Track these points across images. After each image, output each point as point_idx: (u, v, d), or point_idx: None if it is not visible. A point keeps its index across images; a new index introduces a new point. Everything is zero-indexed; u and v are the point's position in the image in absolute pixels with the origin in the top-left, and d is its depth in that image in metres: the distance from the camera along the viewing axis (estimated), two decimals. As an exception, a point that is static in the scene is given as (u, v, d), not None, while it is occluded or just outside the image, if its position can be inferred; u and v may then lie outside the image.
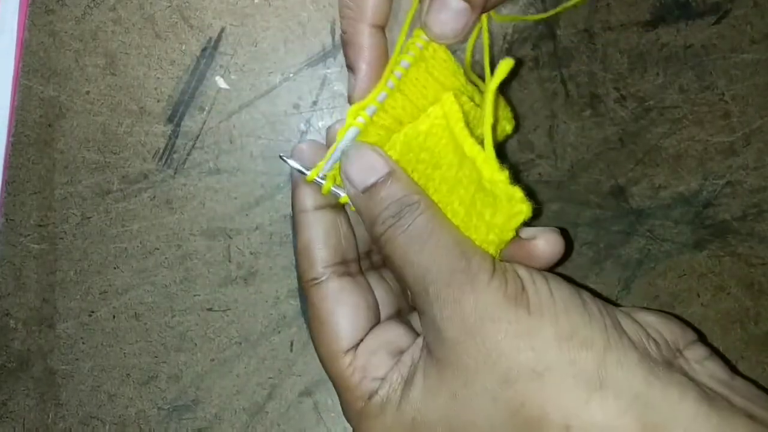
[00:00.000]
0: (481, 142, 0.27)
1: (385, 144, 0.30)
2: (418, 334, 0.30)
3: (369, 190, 0.29)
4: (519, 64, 0.35)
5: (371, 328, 0.30)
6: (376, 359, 0.29)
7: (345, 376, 0.29)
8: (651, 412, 0.24)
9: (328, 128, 0.32)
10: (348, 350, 0.29)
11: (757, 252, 0.38)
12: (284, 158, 0.31)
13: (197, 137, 0.39)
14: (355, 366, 0.29)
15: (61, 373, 0.39)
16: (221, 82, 0.39)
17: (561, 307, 0.26)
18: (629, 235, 0.38)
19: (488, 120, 0.28)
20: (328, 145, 0.31)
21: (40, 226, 0.39)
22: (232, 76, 0.39)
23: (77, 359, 0.39)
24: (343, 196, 0.30)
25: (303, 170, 0.30)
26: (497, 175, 0.27)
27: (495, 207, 0.27)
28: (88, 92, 0.39)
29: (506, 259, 0.29)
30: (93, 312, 0.39)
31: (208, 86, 0.39)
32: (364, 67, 0.30)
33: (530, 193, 0.28)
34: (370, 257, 0.34)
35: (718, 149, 0.38)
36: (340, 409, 0.38)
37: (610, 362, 0.25)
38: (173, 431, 0.39)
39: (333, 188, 0.30)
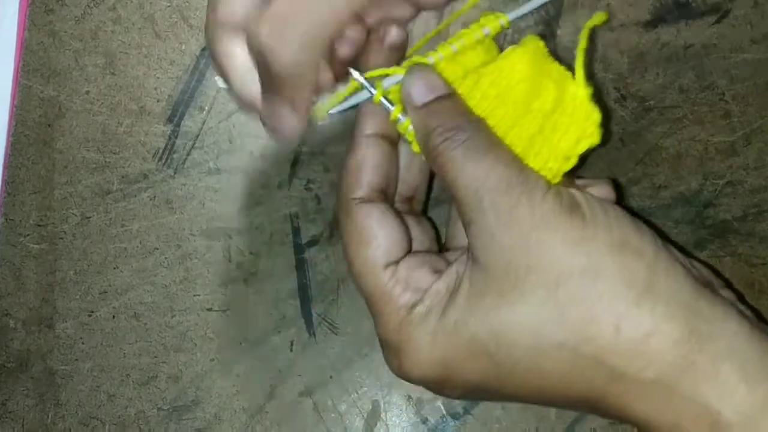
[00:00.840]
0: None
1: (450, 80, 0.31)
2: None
3: (428, 105, 0.29)
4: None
5: (406, 255, 0.30)
6: (417, 273, 0.29)
7: (386, 289, 0.29)
8: (698, 321, 0.25)
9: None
10: (388, 265, 0.29)
11: (758, 252, 0.38)
12: (356, 76, 0.31)
13: (197, 137, 0.39)
14: (397, 278, 0.29)
15: (60, 373, 0.39)
16: (221, 82, 0.39)
17: (614, 220, 0.27)
18: (629, 235, 0.38)
19: (582, 44, 0.29)
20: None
21: (40, 225, 0.39)
22: (232, 76, 0.39)
23: (77, 359, 0.39)
24: (398, 116, 0.30)
25: (369, 88, 0.30)
26: (583, 90, 0.29)
27: (567, 129, 0.29)
28: (87, 92, 0.39)
29: None
30: (93, 312, 0.39)
31: (207, 86, 0.39)
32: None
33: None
34: (411, 202, 0.34)
35: (719, 149, 0.38)
36: (340, 409, 0.39)
37: (660, 271, 0.26)
38: (173, 431, 0.39)
39: (391, 106, 0.30)
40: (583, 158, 0.29)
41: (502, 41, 0.38)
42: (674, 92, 0.38)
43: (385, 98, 0.30)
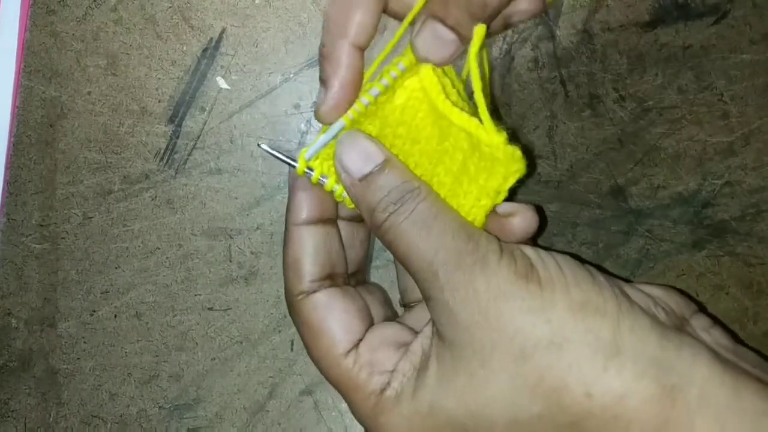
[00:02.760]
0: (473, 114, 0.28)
1: (365, 122, 0.30)
2: (415, 331, 0.30)
3: (366, 178, 0.28)
4: (513, 63, 0.35)
5: (366, 331, 0.30)
6: (380, 354, 0.29)
7: (351, 376, 0.28)
8: (667, 374, 0.25)
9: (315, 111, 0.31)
10: (348, 352, 0.29)
11: (756, 252, 0.38)
12: (266, 149, 0.30)
13: (198, 137, 0.39)
14: (360, 364, 0.29)
15: (62, 373, 0.39)
16: (222, 83, 0.39)
17: (571, 280, 0.26)
18: (628, 235, 0.39)
19: (477, 85, 0.28)
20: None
21: (42, 225, 0.39)
22: (233, 77, 0.39)
23: (79, 358, 0.39)
24: (333, 187, 0.30)
25: (289, 161, 0.30)
26: (496, 138, 0.27)
27: (491, 169, 0.28)
28: (89, 92, 0.39)
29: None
30: (94, 311, 0.39)
31: (209, 87, 0.39)
32: (336, 84, 0.29)
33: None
34: (356, 276, 0.33)
35: (717, 149, 0.38)
36: (340, 407, 0.39)
37: (624, 328, 0.25)
38: (174, 430, 0.39)
39: (321, 177, 0.30)
40: (513, 191, 0.29)
41: (501, 42, 0.38)
42: (673, 93, 0.38)
43: (309, 168, 0.30)
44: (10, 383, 0.39)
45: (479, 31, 0.28)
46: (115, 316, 0.39)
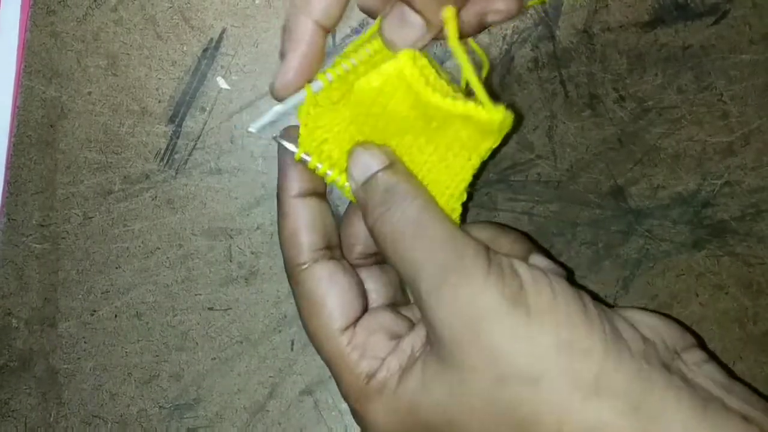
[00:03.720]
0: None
1: (334, 102, 0.30)
2: (412, 324, 0.31)
3: (369, 181, 0.29)
4: (514, 63, 0.35)
5: (363, 313, 0.30)
6: (374, 338, 0.29)
7: (344, 354, 0.29)
8: (646, 416, 0.25)
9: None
10: (345, 329, 0.29)
11: (756, 252, 0.38)
12: (277, 138, 0.31)
13: (198, 137, 0.39)
14: (354, 344, 0.29)
15: (63, 372, 0.39)
16: (222, 83, 0.39)
17: (562, 315, 0.26)
18: (628, 235, 0.39)
19: (467, 67, 0.27)
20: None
21: (42, 225, 0.39)
22: (233, 77, 0.39)
23: (79, 358, 0.39)
24: (329, 175, 0.30)
25: (288, 146, 0.30)
26: (496, 116, 0.27)
27: (483, 136, 0.28)
28: (89, 93, 0.39)
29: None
30: (95, 311, 0.39)
31: (209, 87, 0.39)
32: (293, 58, 0.29)
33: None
34: (375, 256, 0.33)
35: (717, 149, 0.38)
36: (340, 407, 0.39)
37: (608, 369, 0.25)
38: (174, 430, 0.39)
39: (318, 165, 0.30)
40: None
41: (501, 42, 0.38)
42: (673, 93, 0.38)
43: (305, 154, 0.30)
44: (10, 383, 0.39)
45: (448, 13, 0.28)
46: (116, 316, 0.39)
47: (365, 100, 0.29)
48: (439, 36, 0.29)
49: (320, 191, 0.32)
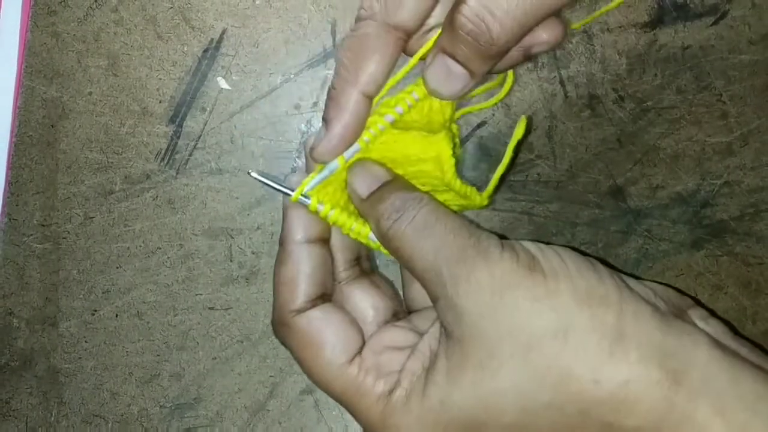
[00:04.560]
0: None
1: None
2: (420, 334, 0.30)
3: (373, 194, 0.30)
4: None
5: (362, 344, 0.30)
6: (385, 357, 0.29)
7: (357, 383, 0.28)
8: (670, 359, 0.25)
9: (305, 142, 0.32)
10: (351, 359, 0.29)
11: (755, 251, 0.39)
12: (257, 177, 0.31)
13: (199, 138, 0.39)
14: (365, 369, 0.29)
15: (64, 372, 0.39)
16: (223, 83, 0.39)
17: (574, 270, 0.27)
18: (627, 235, 0.39)
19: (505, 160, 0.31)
20: (306, 156, 0.32)
21: (43, 225, 0.39)
22: (234, 77, 0.39)
23: (80, 358, 0.39)
24: (328, 213, 0.30)
25: (285, 190, 0.30)
26: (482, 203, 0.32)
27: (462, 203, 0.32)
28: (90, 93, 0.40)
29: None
30: (96, 311, 0.39)
31: (209, 87, 0.39)
32: (338, 128, 0.30)
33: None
34: (360, 263, 0.34)
35: (716, 149, 0.39)
36: (341, 407, 0.39)
37: (627, 315, 0.26)
38: (175, 429, 0.39)
39: (318, 206, 0.30)
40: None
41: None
42: (672, 93, 0.38)
43: (303, 196, 0.30)
44: (11, 382, 0.39)
45: (510, 77, 0.30)
46: (117, 315, 0.39)
47: (393, 157, 0.31)
48: (483, 81, 0.30)
49: (325, 237, 0.32)
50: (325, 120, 0.30)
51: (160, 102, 0.39)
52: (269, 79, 0.39)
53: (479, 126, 0.39)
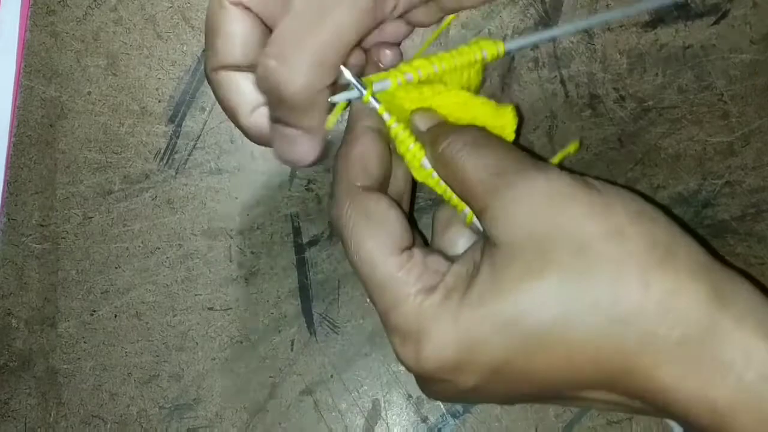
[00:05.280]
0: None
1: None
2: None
3: (430, 129, 0.31)
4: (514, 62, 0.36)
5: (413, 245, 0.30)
6: (433, 258, 0.29)
7: (403, 271, 0.28)
8: (718, 281, 0.26)
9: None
10: (404, 249, 0.29)
11: (756, 252, 0.38)
12: (347, 74, 0.31)
13: (198, 137, 0.39)
14: (414, 261, 0.28)
15: (62, 372, 0.39)
16: (222, 83, 0.39)
17: (626, 194, 0.28)
18: (628, 235, 0.39)
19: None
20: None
21: (42, 225, 0.39)
22: (233, 77, 0.39)
23: (79, 358, 0.39)
24: (394, 127, 0.31)
25: (360, 88, 0.31)
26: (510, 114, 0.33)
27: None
28: (89, 92, 0.39)
29: None
30: (95, 311, 0.39)
31: (209, 87, 0.39)
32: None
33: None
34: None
35: (717, 149, 0.38)
36: (340, 407, 0.39)
37: (677, 235, 0.27)
38: (174, 430, 0.39)
39: (385, 114, 0.31)
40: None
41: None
42: (673, 93, 0.38)
43: (374, 97, 0.31)
44: (10, 383, 0.39)
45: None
46: (116, 315, 0.39)
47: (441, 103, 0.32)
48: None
49: (386, 137, 0.32)
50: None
51: (159, 101, 0.39)
52: (269, 79, 0.39)
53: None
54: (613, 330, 0.25)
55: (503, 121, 0.32)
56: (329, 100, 0.30)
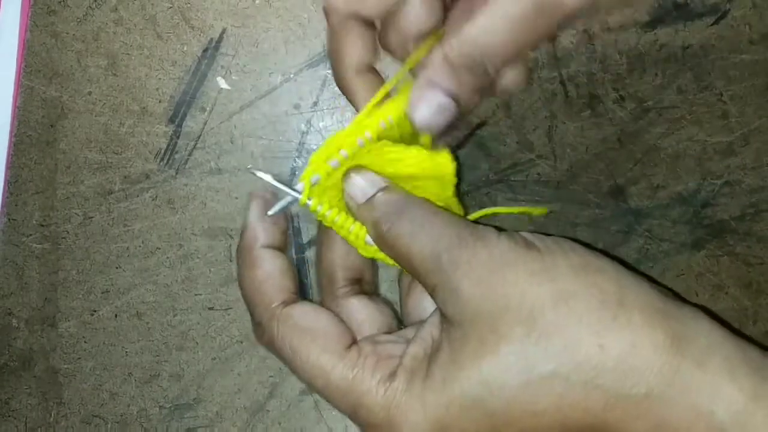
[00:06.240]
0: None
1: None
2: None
3: (370, 200, 0.30)
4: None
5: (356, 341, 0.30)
6: (383, 346, 0.29)
7: (357, 367, 0.28)
8: (674, 324, 0.25)
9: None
10: (349, 346, 0.29)
11: (755, 251, 0.38)
12: (263, 176, 0.31)
13: (198, 137, 0.39)
14: (365, 354, 0.28)
15: (63, 372, 0.39)
16: (222, 83, 0.39)
17: (568, 248, 0.27)
18: (628, 235, 0.39)
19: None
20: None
21: (43, 225, 0.39)
22: (233, 77, 0.39)
23: (79, 358, 0.39)
24: (327, 216, 0.31)
25: (293, 192, 0.30)
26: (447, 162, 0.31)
27: (442, 183, 0.32)
28: (90, 93, 0.40)
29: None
30: (95, 311, 0.39)
31: (209, 87, 0.39)
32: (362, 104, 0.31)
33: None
34: (360, 284, 0.33)
35: (717, 149, 0.39)
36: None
37: (626, 284, 0.26)
38: (174, 430, 0.39)
39: (318, 207, 0.31)
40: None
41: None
42: (672, 93, 0.38)
43: (309, 198, 0.30)
44: (10, 383, 0.39)
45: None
46: (116, 315, 0.39)
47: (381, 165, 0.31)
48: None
49: (283, 247, 0.32)
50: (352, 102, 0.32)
51: (159, 102, 0.39)
52: (269, 79, 0.39)
53: (479, 126, 0.39)
54: (576, 393, 0.25)
55: (441, 170, 0.31)
56: (267, 213, 0.31)
